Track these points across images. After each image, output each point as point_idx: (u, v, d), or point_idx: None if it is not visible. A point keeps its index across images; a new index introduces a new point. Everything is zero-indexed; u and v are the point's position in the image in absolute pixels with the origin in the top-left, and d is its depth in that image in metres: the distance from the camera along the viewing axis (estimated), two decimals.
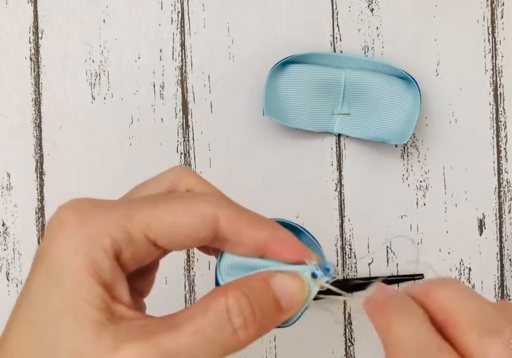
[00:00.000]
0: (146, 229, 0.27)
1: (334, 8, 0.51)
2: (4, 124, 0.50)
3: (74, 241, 0.26)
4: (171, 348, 0.25)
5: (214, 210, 0.28)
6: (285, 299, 0.28)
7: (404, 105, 0.50)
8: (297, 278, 0.28)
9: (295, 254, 0.29)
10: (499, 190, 0.52)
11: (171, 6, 0.51)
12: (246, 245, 0.28)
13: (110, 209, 0.27)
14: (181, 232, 0.27)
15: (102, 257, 0.26)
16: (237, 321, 0.26)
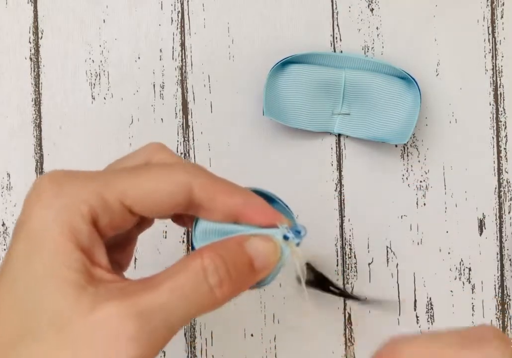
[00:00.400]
0: (122, 196, 0.28)
1: (334, 8, 0.51)
2: (4, 124, 0.50)
3: (52, 210, 0.27)
4: (148, 306, 0.26)
5: (188, 178, 0.29)
6: (259, 260, 0.29)
7: (404, 105, 0.50)
8: (270, 241, 0.30)
9: (267, 219, 0.30)
10: (499, 190, 0.52)
11: (171, 6, 0.51)
12: (220, 212, 0.30)
13: (86, 178, 0.29)
14: (156, 199, 0.28)
15: (80, 223, 0.27)
16: (213, 279, 0.27)
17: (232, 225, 0.30)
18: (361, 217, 0.51)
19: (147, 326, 0.26)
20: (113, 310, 0.26)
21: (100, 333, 0.25)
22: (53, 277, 0.26)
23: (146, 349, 0.26)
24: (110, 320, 0.25)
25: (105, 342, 0.25)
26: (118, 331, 0.25)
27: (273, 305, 0.51)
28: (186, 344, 0.50)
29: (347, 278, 0.51)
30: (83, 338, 0.25)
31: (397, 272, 0.51)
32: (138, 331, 0.25)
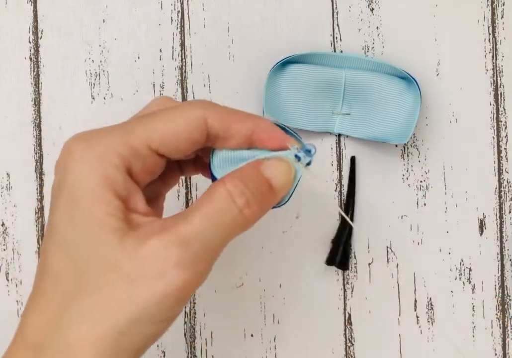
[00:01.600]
0: (147, 140, 0.30)
1: (334, 8, 0.51)
2: (4, 124, 0.50)
3: (86, 164, 0.29)
4: (187, 234, 0.28)
5: (202, 111, 0.31)
6: (275, 180, 0.31)
7: (404, 105, 0.50)
8: (283, 161, 0.32)
9: (278, 141, 0.32)
10: (499, 190, 0.52)
11: (171, 6, 0.51)
12: (235, 138, 0.32)
13: (110, 131, 0.30)
14: (178, 137, 0.30)
15: (115, 172, 0.29)
16: (240, 201, 0.29)
17: (247, 151, 0.32)
18: (361, 217, 0.51)
19: (189, 252, 0.28)
20: (155, 243, 0.28)
21: (148, 266, 0.27)
22: (97, 226, 0.28)
23: (192, 273, 0.28)
24: (155, 252, 0.28)
25: (154, 273, 0.27)
26: (164, 260, 0.27)
27: (273, 305, 0.51)
28: (186, 344, 0.50)
29: (347, 278, 0.51)
30: (134, 277, 0.27)
31: (397, 272, 0.51)
32: (181, 257, 0.28)
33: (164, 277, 0.27)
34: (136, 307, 0.27)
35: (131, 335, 0.28)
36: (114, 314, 0.27)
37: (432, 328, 0.51)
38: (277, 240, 0.51)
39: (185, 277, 0.28)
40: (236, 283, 0.51)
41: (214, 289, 0.51)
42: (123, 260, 0.28)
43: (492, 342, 0.51)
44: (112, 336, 0.27)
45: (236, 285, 0.51)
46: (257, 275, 0.51)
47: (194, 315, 0.50)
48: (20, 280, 0.50)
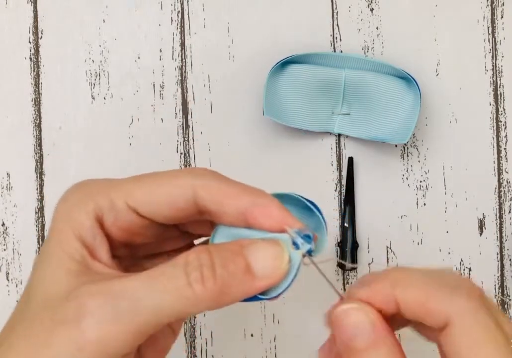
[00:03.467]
0: (126, 196, 0.29)
1: (334, 8, 0.51)
2: (4, 124, 0.50)
3: (65, 207, 0.30)
4: (118, 288, 0.26)
5: (191, 180, 0.29)
6: (259, 264, 0.27)
7: (404, 105, 0.50)
8: (274, 244, 0.28)
9: (274, 221, 0.28)
10: (499, 190, 0.52)
11: (171, 6, 0.51)
12: (228, 215, 0.29)
13: (102, 181, 0.30)
14: (158, 201, 0.29)
15: (84, 217, 0.29)
16: (193, 274, 0.26)
17: (247, 230, 0.28)
18: (361, 217, 0.51)
19: (111, 306, 0.25)
20: (84, 289, 0.26)
21: (69, 309, 0.26)
22: (54, 263, 0.28)
23: (108, 329, 0.25)
24: (78, 297, 0.26)
25: (71, 318, 0.26)
26: (84, 308, 0.26)
27: (273, 305, 0.51)
28: (186, 344, 0.50)
29: (347, 278, 0.51)
30: (58, 316, 0.26)
31: None
32: (99, 306, 0.25)
33: (79, 325, 0.25)
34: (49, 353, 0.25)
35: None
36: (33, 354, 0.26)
37: None
38: None
39: (98, 330, 0.25)
40: None
41: None
42: (57, 299, 0.27)
43: None
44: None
45: None
46: None
47: (194, 315, 0.50)
48: (21, 280, 0.50)
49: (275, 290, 0.28)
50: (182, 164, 0.51)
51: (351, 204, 0.50)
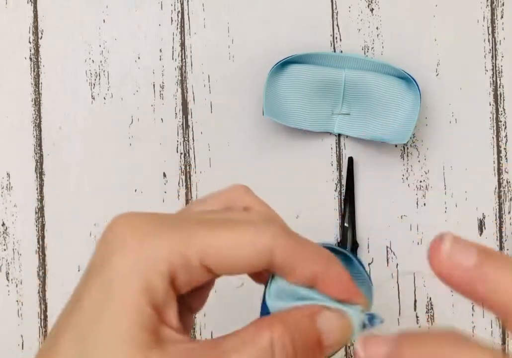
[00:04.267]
0: (202, 255, 0.27)
1: (334, 8, 0.51)
2: (4, 124, 0.50)
3: (132, 262, 0.26)
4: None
5: (270, 242, 0.28)
6: (328, 336, 0.28)
7: (404, 105, 0.50)
8: (344, 318, 0.28)
9: (344, 293, 0.28)
10: (499, 190, 0.52)
11: (171, 6, 0.51)
12: (296, 276, 0.28)
13: (169, 231, 0.28)
14: (236, 262, 0.28)
15: (158, 280, 0.26)
16: (279, 355, 0.26)
17: (308, 291, 0.29)
18: (361, 217, 0.51)
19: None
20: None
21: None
22: (120, 335, 0.25)
23: None
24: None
25: None
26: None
27: None
28: None
29: None
30: None
31: (397, 272, 0.51)
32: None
33: None
34: None
35: None
36: None
37: (432, 328, 0.51)
38: None
39: None
40: (236, 283, 0.51)
41: (214, 289, 0.51)
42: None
43: (492, 342, 0.51)
44: None
45: (236, 285, 0.51)
46: None
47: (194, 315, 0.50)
48: (20, 280, 0.50)
49: None
50: (182, 164, 0.51)
51: (351, 204, 0.50)
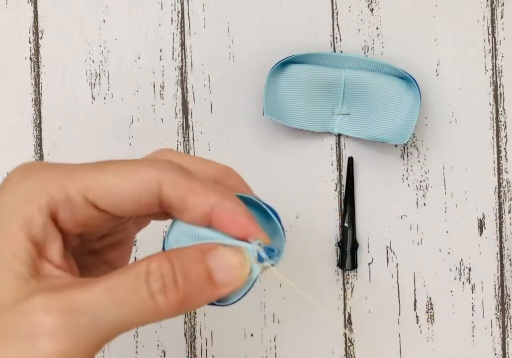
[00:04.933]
0: (84, 190, 0.26)
1: (334, 8, 0.51)
2: (4, 124, 0.50)
3: (12, 198, 0.26)
4: (76, 302, 0.24)
5: (157, 175, 0.27)
6: (221, 272, 0.26)
7: (404, 105, 0.50)
8: (239, 253, 0.27)
9: (240, 228, 0.27)
10: (499, 190, 0.52)
11: (171, 6, 0.51)
12: (191, 213, 0.27)
13: (54, 169, 0.27)
14: (121, 195, 0.27)
15: (36, 214, 0.26)
16: (155, 285, 0.25)
17: (207, 230, 0.27)
18: (361, 217, 0.51)
19: (70, 322, 0.24)
20: (39, 302, 0.24)
21: (21, 324, 0.24)
22: (1, 265, 0.25)
23: (66, 346, 0.24)
24: (32, 312, 0.24)
25: (24, 334, 0.24)
26: (38, 323, 0.24)
27: (273, 305, 0.51)
28: (186, 344, 0.50)
29: (347, 278, 0.51)
30: (7, 330, 0.24)
31: (397, 272, 0.51)
32: (58, 325, 0.24)
33: (34, 342, 0.24)
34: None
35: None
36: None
37: (432, 328, 0.51)
38: None
39: (55, 348, 0.24)
40: None
41: None
42: (5, 310, 0.24)
43: (491, 342, 0.51)
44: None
45: None
46: None
47: (194, 315, 0.50)
48: None
49: (230, 298, 0.28)
50: None
51: (351, 204, 0.50)
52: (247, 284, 0.27)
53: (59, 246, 0.27)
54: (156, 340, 0.50)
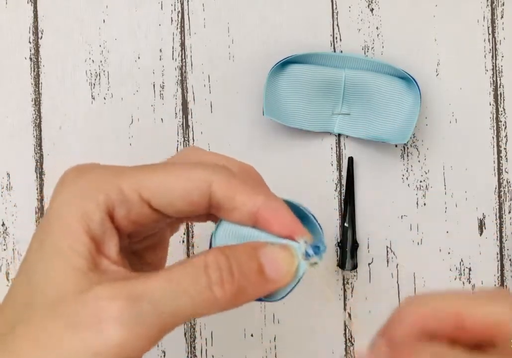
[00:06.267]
0: (139, 188, 0.28)
1: (334, 8, 0.51)
2: (4, 124, 0.50)
3: (69, 195, 0.27)
4: (138, 291, 0.25)
5: (208, 175, 0.28)
6: (271, 268, 0.28)
7: (404, 105, 0.50)
8: (287, 251, 0.28)
9: (285, 227, 0.28)
10: (499, 190, 0.52)
11: (171, 6, 0.51)
12: (239, 212, 0.28)
13: (106, 169, 0.29)
14: (174, 194, 0.28)
15: (94, 209, 0.27)
16: (213, 275, 0.26)
17: (253, 230, 0.29)
18: (361, 217, 0.51)
19: (134, 309, 0.25)
20: (102, 291, 0.25)
21: (86, 312, 0.25)
22: (59, 258, 0.26)
23: (130, 332, 0.25)
24: (97, 300, 0.25)
25: (89, 322, 0.25)
26: (103, 310, 0.25)
27: (273, 305, 0.51)
28: (186, 344, 0.50)
29: (347, 278, 0.51)
30: (69, 322, 0.25)
31: (397, 272, 0.51)
32: (122, 312, 0.25)
33: (98, 329, 0.25)
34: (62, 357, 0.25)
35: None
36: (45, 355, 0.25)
37: None
38: None
39: (120, 335, 0.25)
40: None
41: None
42: (68, 300, 0.25)
43: None
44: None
45: None
46: None
47: None
48: None
49: (278, 294, 0.29)
50: None
51: (351, 204, 0.50)
52: (294, 280, 0.28)
53: (116, 243, 0.28)
54: None
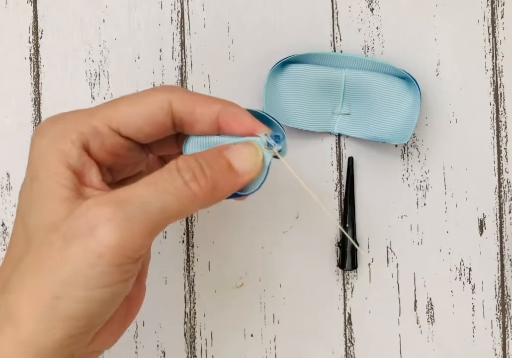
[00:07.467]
0: (108, 120, 0.31)
1: (334, 8, 0.51)
2: (4, 124, 0.50)
3: (45, 139, 0.30)
4: (124, 196, 0.28)
5: (166, 95, 0.31)
6: (238, 161, 0.31)
7: (404, 105, 0.50)
8: (250, 145, 0.31)
9: (246, 127, 0.32)
10: (499, 190, 0.52)
11: (171, 6, 0.51)
12: (200, 123, 0.32)
13: (76, 112, 0.32)
14: (140, 119, 0.31)
15: (70, 147, 0.30)
16: (186, 175, 0.29)
17: (218, 137, 0.32)
18: (361, 217, 0.51)
19: (124, 212, 0.27)
20: (90, 202, 0.28)
21: (80, 223, 0.28)
22: (48, 195, 0.29)
23: (125, 232, 0.27)
24: (87, 210, 0.28)
25: (85, 230, 0.27)
26: (94, 216, 0.27)
27: (273, 305, 0.51)
28: (186, 344, 0.50)
29: (347, 278, 0.51)
30: (68, 236, 0.28)
31: (397, 272, 0.51)
32: (114, 215, 0.27)
33: (94, 234, 0.27)
34: (68, 269, 0.27)
35: (67, 300, 0.27)
36: (50, 275, 0.27)
37: (432, 328, 0.51)
38: (277, 240, 0.51)
39: (116, 235, 0.27)
40: (236, 283, 0.51)
41: (214, 289, 0.51)
42: (62, 221, 0.28)
43: (492, 342, 0.51)
44: (48, 301, 0.27)
45: (236, 285, 0.51)
46: (257, 275, 0.51)
47: (194, 315, 0.50)
48: None
49: (251, 187, 0.32)
50: None
51: (351, 204, 0.50)
52: (262, 172, 0.32)
53: (96, 172, 0.31)
54: (156, 340, 0.50)
